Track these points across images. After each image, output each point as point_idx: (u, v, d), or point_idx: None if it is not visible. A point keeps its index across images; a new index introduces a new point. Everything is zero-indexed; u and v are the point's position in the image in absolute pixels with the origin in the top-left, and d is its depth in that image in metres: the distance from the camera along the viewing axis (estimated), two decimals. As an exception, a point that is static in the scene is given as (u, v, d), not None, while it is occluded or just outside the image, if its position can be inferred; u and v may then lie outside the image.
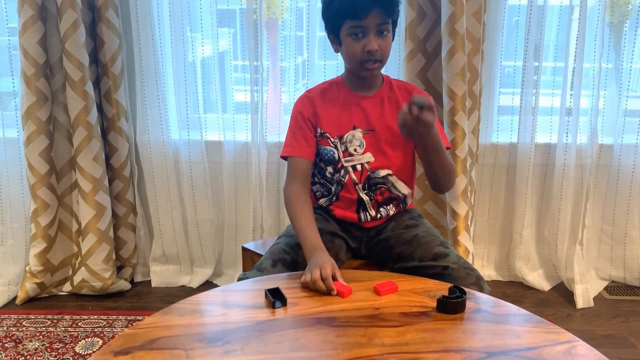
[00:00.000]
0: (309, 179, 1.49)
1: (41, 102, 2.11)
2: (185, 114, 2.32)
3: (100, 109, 2.24)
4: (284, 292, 1.16)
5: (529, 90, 2.23)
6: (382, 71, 1.51)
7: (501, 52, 2.25)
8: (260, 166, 2.28)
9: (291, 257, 1.40)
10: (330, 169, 1.49)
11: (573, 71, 2.17)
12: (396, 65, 2.20)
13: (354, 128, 1.47)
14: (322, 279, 1.18)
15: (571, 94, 2.20)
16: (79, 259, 2.29)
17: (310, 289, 1.19)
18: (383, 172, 1.48)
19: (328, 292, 1.17)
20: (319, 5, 2.16)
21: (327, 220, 1.53)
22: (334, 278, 1.19)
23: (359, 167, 1.47)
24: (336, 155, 1.47)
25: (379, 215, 1.51)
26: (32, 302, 2.24)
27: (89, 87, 2.12)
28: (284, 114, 2.32)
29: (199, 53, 2.26)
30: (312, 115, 1.48)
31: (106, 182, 2.24)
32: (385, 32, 1.38)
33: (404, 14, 2.08)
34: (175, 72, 2.26)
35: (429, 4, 2.09)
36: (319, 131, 1.48)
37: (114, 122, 2.24)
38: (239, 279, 1.33)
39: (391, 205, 1.53)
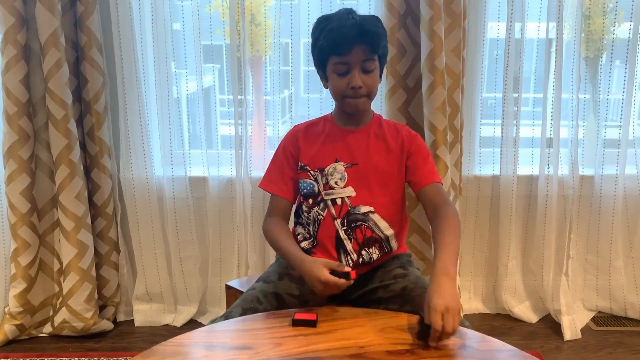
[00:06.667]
0: (288, 216, 1.51)
1: (23, 141, 2.10)
2: (169, 150, 2.32)
3: (83, 146, 2.23)
4: (269, 332, 1.14)
5: (510, 121, 2.26)
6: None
7: (481, 84, 2.30)
8: (245, 201, 2.27)
9: (264, 308, 1.33)
10: (310, 201, 1.46)
11: (552, 102, 2.22)
12: (378, 101, 2.22)
13: (336, 161, 1.45)
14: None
15: (551, 124, 2.24)
16: (60, 299, 2.25)
17: (334, 293, 1.28)
18: (364, 209, 1.42)
19: (346, 282, 1.25)
20: (303, 41, 2.21)
21: None
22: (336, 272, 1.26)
23: (339, 201, 1.43)
24: (316, 188, 1.45)
25: (361, 260, 1.42)
26: (11, 345, 2.18)
27: (72, 125, 2.12)
28: (269, 148, 2.33)
29: (184, 89, 2.27)
30: (294, 149, 1.49)
31: (89, 220, 2.21)
32: (372, 69, 1.37)
33: (385, 51, 2.12)
34: (159, 109, 2.26)
35: (409, 40, 2.14)
36: (299, 164, 1.47)
37: (97, 160, 2.23)
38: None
39: (373, 247, 1.43)
